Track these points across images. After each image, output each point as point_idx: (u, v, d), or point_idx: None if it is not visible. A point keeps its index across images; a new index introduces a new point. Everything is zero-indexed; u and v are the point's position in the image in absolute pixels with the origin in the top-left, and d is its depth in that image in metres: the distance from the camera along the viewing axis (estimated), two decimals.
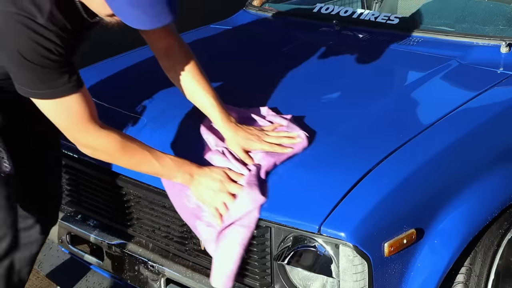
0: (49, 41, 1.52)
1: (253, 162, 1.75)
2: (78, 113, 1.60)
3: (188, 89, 1.88)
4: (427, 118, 1.93)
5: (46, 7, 1.51)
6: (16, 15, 1.49)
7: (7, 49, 1.53)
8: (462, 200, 1.77)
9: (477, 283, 1.80)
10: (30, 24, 1.50)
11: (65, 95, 1.57)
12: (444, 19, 2.47)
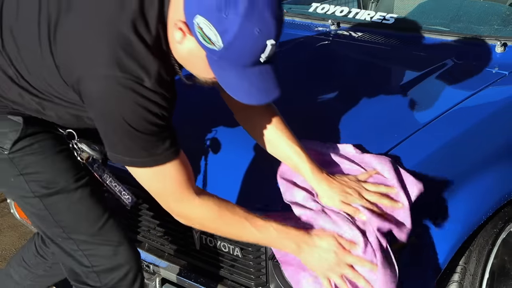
0: (156, 105, 1.38)
1: (364, 220, 1.52)
2: (177, 180, 1.47)
3: (270, 141, 1.65)
4: (422, 118, 1.94)
5: (153, 69, 1.37)
6: (123, 79, 1.34)
7: (109, 117, 1.39)
8: (457, 199, 1.77)
9: (471, 282, 1.80)
10: (138, 88, 1.35)
11: (166, 162, 1.43)
12: (439, 19, 2.48)
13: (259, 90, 1.34)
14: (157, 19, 1.36)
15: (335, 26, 2.61)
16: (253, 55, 1.28)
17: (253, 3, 1.24)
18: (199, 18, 1.26)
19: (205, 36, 1.27)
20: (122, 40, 1.34)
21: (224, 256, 1.81)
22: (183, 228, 1.86)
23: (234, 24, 1.24)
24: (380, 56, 2.39)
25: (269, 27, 1.26)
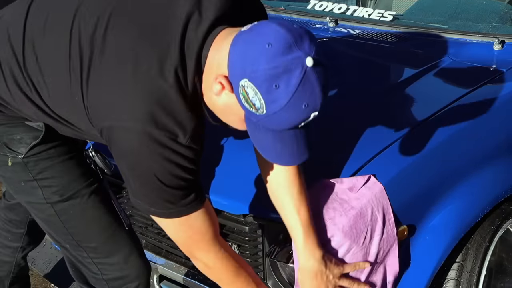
0: (188, 160, 1.35)
1: None
2: (202, 231, 1.46)
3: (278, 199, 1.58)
4: (419, 115, 1.93)
5: (189, 125, 1.33)
6: (158, 136, 1.30)
7: (138, 170, 1.36)
8: (454, 197, 1.77)
9: (468, 279, 1.81)
10: (172, 144, 1.32)
11: (191, 212, 1.42)
12: (437, 16, 2.47)
13: (291, 153, 1.33)
14: (195, 70, 1.32)
15: (333, 23, 2.61)
16: (293, 124, 1.27)
17: (307, 78, 1.21)
18: (246, 82, 1.23)
19: (249, 100, 1.24)
20: (161, 94, 1.30)
21: None
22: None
23: (284, 97, 1.21)
24: (378, 54, 2.38)
25: (316, 102, 1.24)
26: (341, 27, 2.61)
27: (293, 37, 1.21)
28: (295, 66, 1.20)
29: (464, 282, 1.81)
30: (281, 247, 1.68)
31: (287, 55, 1.20)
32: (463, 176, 1.83)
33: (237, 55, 1.24)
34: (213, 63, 1.30)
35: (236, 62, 1.24)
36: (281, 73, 1.20)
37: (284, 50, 1.20)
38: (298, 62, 1.20)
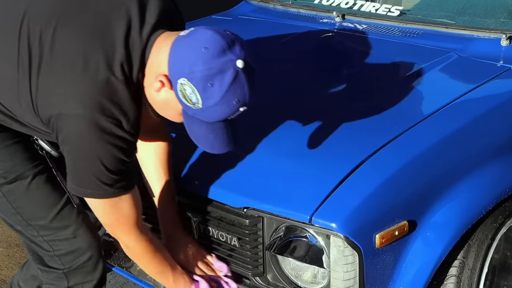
0: (130, 145, 1.52)
1: None
2: (128, 215, 1.62)
3: (151, 171, 1.84)
4: (423, 110, 1.93)
5: (132, 115, 1.49)
6: (104, 122, 1.45)
7: (84, 154, 1.49)
8: (456, 193, 1.76)
9: (470, 276, 1.80)
10: (116, 130, 1.47)
11: (123, 194, 1.57)
12: (445, 12, 2.45)
13: (222, 142, 1.53)
14: (139, 66, 1.49)
15: (340, 18, 2.60)
16: (225, 117, 1.47)
17: (238, 78, 1.41)
18: (184, 81, 1.42)
19: (187, 96, 1.43)
20: (109, 86, 1.46)
21: (222, 246, 1.82)
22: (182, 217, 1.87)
23: (217, 94, 1.41)
24: (384, 48, 2.37)
25: (245, 98, 1.45)
26: (347, 21, 2.60)
27: (226, 42, 1.41)
28: (228, 68, 1.40)
29: (465, 279, 1.79)
30: (281, 241, 1.68)
31: (221, 58, 1.40)
32: (467, 172, 1.81)
33: (177, 57, 1.43)
34: (154, 63, 1.49)
35: (176, 63, 1.43)
36: (216, 73, 1.40)
37: (218, 54, 1.40)
38: (230, 64, 1.40)
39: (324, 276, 1.67)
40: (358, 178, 1.64)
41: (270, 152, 1.78)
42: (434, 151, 1.78)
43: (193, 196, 1.82)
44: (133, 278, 2.13)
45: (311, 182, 1.66)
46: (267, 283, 1.76)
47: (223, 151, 1.56)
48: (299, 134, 1.83)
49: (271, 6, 2.89)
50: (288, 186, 1.68)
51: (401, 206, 1.67)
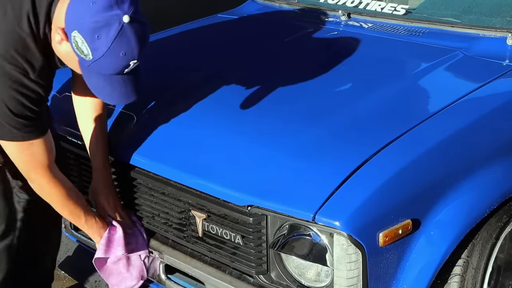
0: (36, 94, 1.67)
1: None
2: (40, 159, 1.77)
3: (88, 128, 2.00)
4: (428, 108, 1.92)
5: (38, 64, 1.64)
6: (9, 70, 1.61)
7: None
8: (460, 192, 1.76)
9: (474, 275, 1.79)
10: (22, 79, 1.63)
11: (32, 138, 1.72)
12: (451, 10, 2.44)
13: (120, 94, 1.65)
14: (45, 20, 1.63)
15: (345, 16, 2.60)
16: (117, 69, 1.58)
17: (123, 32, 1.52)
18: (76, 33, 1.54)
19: (79, 47, 1.55)
20: (15, 36, 1.61)
21: (225, 244, 1.82)
22: (187, 215, 1.88)
23: (104, 45, 1.52)
24: (389, 47, 2.37)
25: (133, 51, 1.56)
26: (353, 20, 2.60)
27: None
28: (114, 22, 1.51)
29: (469, 279, 1.79)
30: (285, 239, 1.68)
31: (107, 12, 1.51)
32: (471, 171, 1.81)
33: (70, 10, 1.57)
34: (58, 17, 1.62)
35: (70, 17, 1.57)
36: (102, 26, 1.51)
37: (105, 8, 1.51)
38: (116, 18, 1.52)
39: (328, 274, 1.67)
40: (362, 177, 1.64)
41: (275, 150, 1.78)
42: (438, 150, 1.78)
43: (198, 194, 1.82)
44: None
45: (315, 180, 1.66)
46: (271, 281, 1.76)
47: (120, 103, 1.78)
48: (303, 132, 1.83)
49: (277, 5, 2.90)
50: (291, 184, 1.68)
51: (405, 204, 1.66)
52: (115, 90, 1.63)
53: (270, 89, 2.14)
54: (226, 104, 2.05)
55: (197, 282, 1.97)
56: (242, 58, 2.41)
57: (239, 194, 1.72)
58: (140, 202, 2.02)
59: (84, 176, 2.18)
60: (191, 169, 1.84)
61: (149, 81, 2.25)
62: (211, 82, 2.18)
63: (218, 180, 1.77)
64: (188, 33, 2.78)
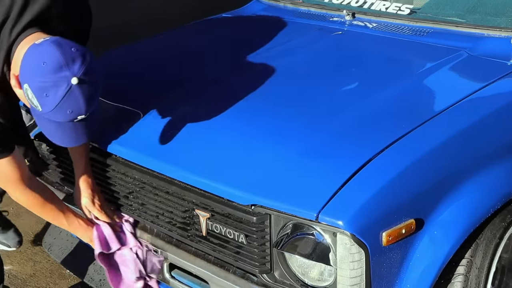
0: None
1: None
2: (9, 175, 1.90)
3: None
4: (432, 108, 1.92)
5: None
6: None
7: None
8: (464, 192, 1.76)
9: (477, 275, 1.79)
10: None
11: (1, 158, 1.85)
12: (455, 10, 2.44)
13: (70, 138, 1.75)
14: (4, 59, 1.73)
15: (350, 16, 2.60)
16: (66, 121, 1.67)
17: (71, 92, 1.60)
18: (27, 86, 1.62)
19: (30, 99, 1.63)
20: None
21: (229, 243, 1.82)
22: (191, 214, 1.89)
23: (52, 104, 1.61)
24: (394, 47, 2.37)
25: (80, 109, 1.64)
26: (358, 20, 2.60)
27: (65, 59, 1.60)
28: (62, 83, 1.59)
29: (472, 278, 1.79)
30: (288, 238, 1.68)
31: (57, 73, 1.59)
32: (475, 170, 1.81)
33: (25, 64, 1.64)
34: (15, 62, 1.71)
35: (23, 69, 1.64)
36: (50, 86, 1.59)
37: (54, 70, 1.59)
38: (65, 80, 1.59)
39: (331, 274, 1.67)
40: (365, 176, 1.64)
41: (278, 150, 1.79)
42: (442, 149, 1.78)
43: (201, 193, 1.83)
44: None
45: (319, 179, 1.67)
46: (274, 280, 1.77)
47: (72, 145, 1.84)
48: (307, 132, 1.83)
49: (281, 5, 2.90)
50: (295, 183, 1.68)
51: (408, 204, 1.67)
52: (65, 134, 1.73)
53: (274, 88, 2.14)
54: (231, 104, 2.05)
55: (201, 281, 1.97)
56: (247, 58, 2.41)
57: (242, 194, 1.73)
58: (145, 201, 2.03)
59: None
60: (195, 169, 1.85)
61: (155, 80, 2.28)
62: (215, 82, 2.18)
63: (222, 180, 1.78)
64: (192, 33, 2.79)
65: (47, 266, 2.76)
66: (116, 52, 2.68)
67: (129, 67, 2.49)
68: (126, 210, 2.10)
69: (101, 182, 2.15)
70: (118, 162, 2.04)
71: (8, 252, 2.83)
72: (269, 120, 1.94)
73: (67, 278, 2.69)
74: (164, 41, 2.76)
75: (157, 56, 2.55)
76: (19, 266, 2.77)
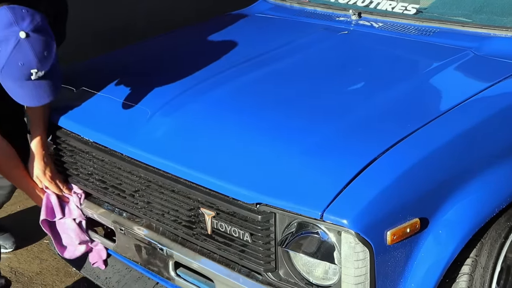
0: None
1: None
2: None
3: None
4: (437, 108, 1.92)
5: None
6: None
7: None
8: (469, 191, 1.76)
9: (482, 274, 1.79)
10: None
11: None
12: (462, 10, 2.44)
13: (32, 97, 1.89)
14: None
15: (356, 16, 2.61)
16: (23, 77, 1.83)
17: (20, 46, 1.78)
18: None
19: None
20: None
21: (234, 241, 1.83)
22: (196, 213, 1.90)
23: (3, 57, 1.79)
24: (399, 47, 2.37)
25: (30, 62, 1.80)
26: (364, 20, 2.61)
27: (15, 17, 1.79)
28: (11, 37, 1.78)
29: (477, 278, 1.79)
30: (293, 237, 1.69)
31: (6, 29, 1.78)
32: (480, 170, 1.81)
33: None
34: None
35: None
36: (1, 41, 1.78)
37: (5, 26, 1.78)
38: (13, 34, 1.78)
39: (336, 272, 1.68)
40: (370, 175, 1.64)
41: (283, 148, 1.79)
42: (447, 149, 1.78)
43: (207, 191, 1.83)
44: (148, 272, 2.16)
45: (323, 178, 1.67)
46: (279, 279, 1.77)
47: (35, 104, 1.94)
48: (312, 131, 1.84)
49: (288, 4, 2.90)
50: (300, 182, 1.68)
51: (413, 203, 1.67)
52: (27, 94, 1.87)
53: (280, 87, 2.15)
54: (237, 102, 2.06)
55: (206, 279, 1.98)
56: (252, 57, 2.42)
57: (248, 192, 1.73)
58: (150, 199, 2.03)
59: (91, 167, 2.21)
60: (200, 167, 1.86)
61: (161, 78, 2.28)
62: (220, 81, 2.19)
63: (227, 178, 1.79)
64: (198, 32, 2.80)
65: (54, 264, 2.78)
66: (121, 52, 2.69)
67: (134, 66, 2.50)
68: (132, 208, 2.11)
69: (107, 180, 2.16)
70: (124, 161, 2.05)
71: (14, 250, 2.85)
72: (274, 118, 1.94)
73: (73, 276, 2.70)
74: (169, 41, 2.78)
75: (163, 55, 2.56)
76: (25, 264, 2.79)
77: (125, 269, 2.33)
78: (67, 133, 2.24)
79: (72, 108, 2.24)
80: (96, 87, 2.29)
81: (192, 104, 2.06)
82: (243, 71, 2.28)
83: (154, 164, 1.96)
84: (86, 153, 2.20)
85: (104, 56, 2.66)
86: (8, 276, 2.65)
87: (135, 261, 2.16)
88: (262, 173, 1.75)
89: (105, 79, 2.33)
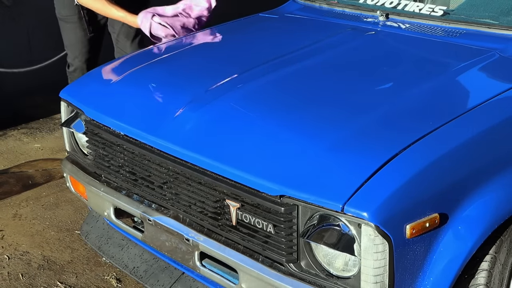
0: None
1: None
2: None
3: None
4: (461, 106, 1.95)
5: None
6: None
7: None
8: (489, 188, 1.79)
9: (501, 271, 1.82)
10: None
11: None
12: (489, 12, 2.46)
13: None
14: None
15: (383, 17, 2.64)
16: None
17: None
18: None
19: None
20: None
21: (258, 232, 1.88)
22: (222, 204, 1.95)
23: None
24: (425, 47, 2.40)
25: None
26: (391, 21, 2.64)
27: None
28: None
29: (496, 274, 1.81)
30: (314, 228, 1.73)
31: None
32: (502, 168, 1.84)
33: None
34: None
35: None
36: None
37: None
38: None
39: (355, 264, 1.72)
40: (391, 170, 1.69)
41: (307, 143, 1.84)
42: (469, 146, 1.81)
43: (232, 184, 1.89)
44: (173, 262, 2.22)
45: (345, 171, 1.72)
46: (301, 270, 1.82)
47: None
48: (336, 126, 1.89)
49: (317, 5, 2.95)
50: (322, 175, 1.73)
51: (433, 198, 1.70)
52: None
53: (306, 85, 2.20)
54: (264, 98, 2.12)
55: (230, 270, 2.04)
56: (281, 56, 2.47)
57: (272, 185, 1.78)
58: (178, 191, 2.10)
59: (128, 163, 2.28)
60: (227, 160, 1.92)
61: (193, 73, 2.35)
62: (248, 78, 2.24)
63: (252, 171, 1.84)
64: (229, 31, 2.86)
65: (84, 254, 2.86)
66: (152, 48, 2.77)
67: (164, 61, 2.57)
68: (160, 200, 2.18)
69: (137, 172, 2.23)
70: (154, 153, 2.12)
71: (47, 239, 2.95)
72: (300, 114, 1.99)
73: (102, 266, 2.78)
74: (199, 38, 2.85)
75: (193, 51, 2.63)
76: (57, 252, 2.88)
77: (152, 259, 2.40)
78: (99, 126, 2.32)
79: (104, 101, 2.32)
80: (127, 82, 2.37)
81: (220, 99, 2.12)
82: (272, 68, 2.33)
83: (182, 157, 2.03)
84: (117, 146, 2.28)
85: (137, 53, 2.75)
86: (41, 264, 2.75)
87: (162, 251, 2.23)
88: (286, 167, 1.80)
89: (136, 74, 2.40)
